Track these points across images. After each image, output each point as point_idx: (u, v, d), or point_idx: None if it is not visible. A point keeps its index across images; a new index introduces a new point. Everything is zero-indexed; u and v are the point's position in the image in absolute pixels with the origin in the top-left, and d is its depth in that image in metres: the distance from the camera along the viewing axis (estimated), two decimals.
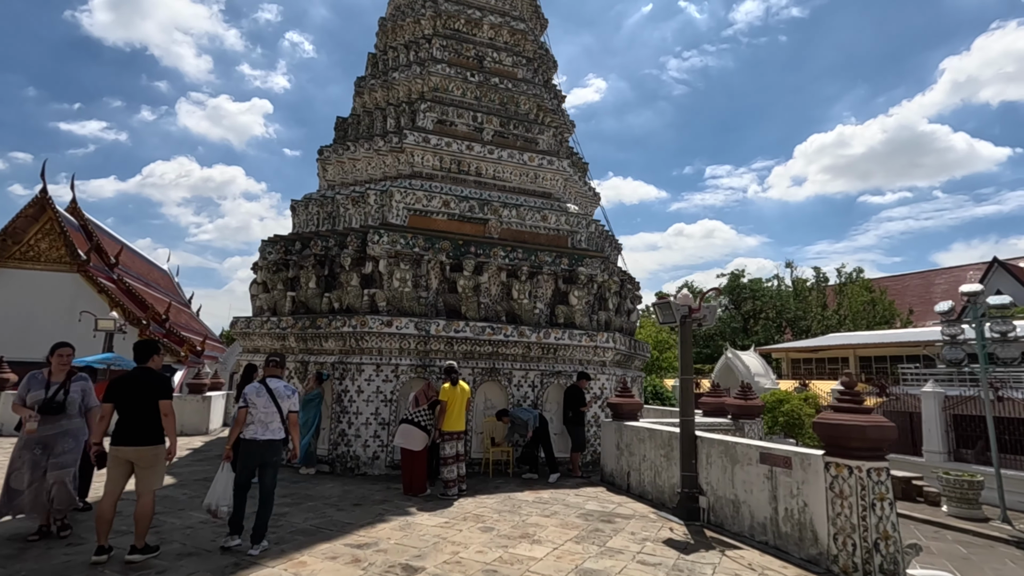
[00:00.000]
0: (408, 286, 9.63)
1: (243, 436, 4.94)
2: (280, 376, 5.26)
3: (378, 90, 12.78)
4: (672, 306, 6.89)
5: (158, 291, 29.82)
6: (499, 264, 10.28)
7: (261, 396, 4.98)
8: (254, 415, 4.95)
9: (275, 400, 4.98)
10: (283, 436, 5.05)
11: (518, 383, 9.91)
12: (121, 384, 4.66)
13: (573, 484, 8.62)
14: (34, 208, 22.30)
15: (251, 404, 4.96)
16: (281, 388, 5.08)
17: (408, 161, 11.15)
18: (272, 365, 5.28)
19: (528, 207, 11.21)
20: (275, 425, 4.97)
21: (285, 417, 5.04)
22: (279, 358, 5.36)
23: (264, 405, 4.95)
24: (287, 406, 5.06)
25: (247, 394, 5.01)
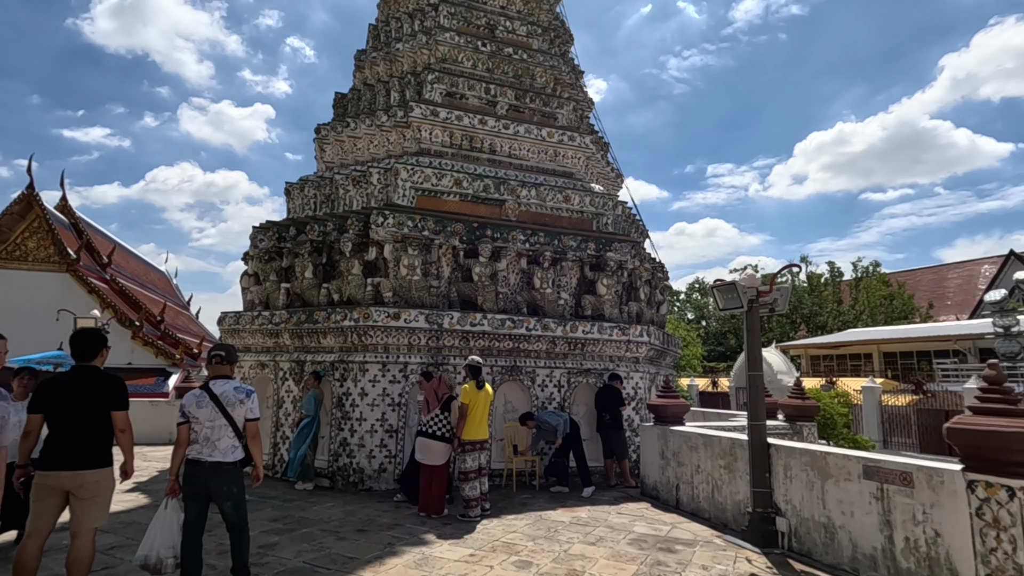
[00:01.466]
0: (417, 274, 8.48)
1: (188, 457, 3.76)
2: (230, 375, 4.00)
3: (380, 63, 11.66)
4: (738, 289, 5.73)
5: (154, 292, 28.77)
6: (518, 249, 9.13)
7: (203, 406, 3.75)
8: (197, 431, 3.76)
9: (222, 409, 3.76)
10: (240, 456, 3.83)
11: (542, 383, 8.75)
12: (53, 389, 3.52)
13: (611, 499, 7.45)
14: (20, 205, 21.25)
15: (191, 417, 3.76)
16: (230, 392, 3.82)
17: (415, 137, 10.01)
18: (216, 362, 3.95)
19: (549, 187, 10.05)
20: (226, 442, 3.75)
21: (241, 429, 3.85)
22: (224, 351, 4.03)
23: (208, 417, 3.73)
24: (242, 413, 3.82)
25: (184, 405, 3.79)
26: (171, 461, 3.76)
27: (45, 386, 3.57)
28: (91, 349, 3.67)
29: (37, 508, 3.45)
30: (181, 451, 3.72)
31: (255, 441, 3.89)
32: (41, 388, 3.57)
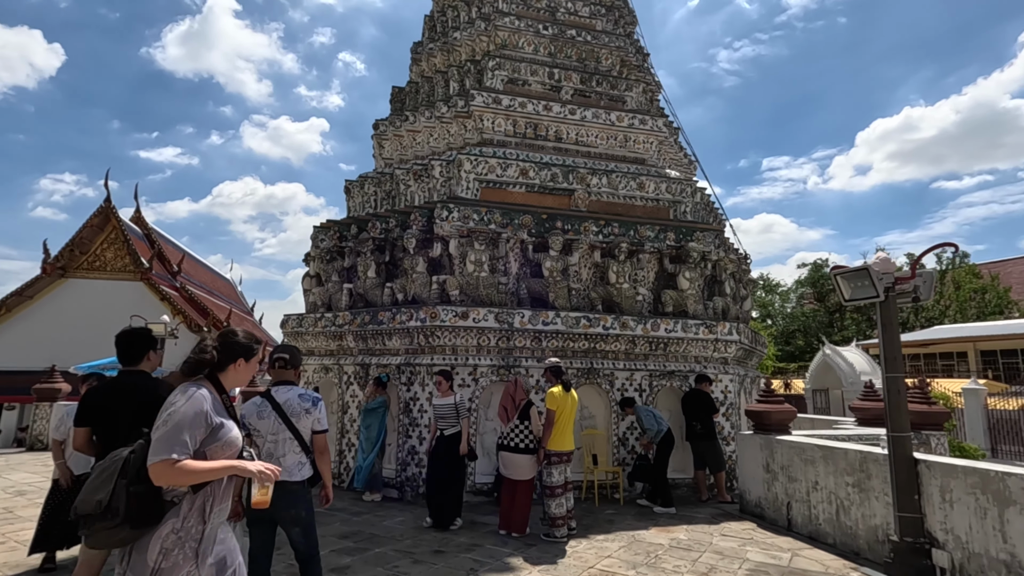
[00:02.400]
0: (484, 270, 7.93)
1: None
2: (293, 381, 3.48)
3: (437, 54, 11.23)
4: (871, 275, 4.81)
5: (221, 299, 29.77)
6: (591, 241, 8.42)
7: (265, 416, 3.25)
8: (259, 446, 3.23)
9: (286, 420, 3.25)
10: (308, 474, 3.29)
11: (621, 386, 8.00)
12: (100, 397, 3.12)
13: (709, 517, 6.62)
14: (99, 218, 22.32)
15: (252, 430, 3.25)
16: (294, 400, 3.29)
17: (476, 127, 9.49)
18: (279, 366, 3.44)
19: (621, 174, 9.29)
20: (291, 459, 3.23)
21: (308, 442, 3.32)
22: (288, 354, 3.49)
23: (271, 429, 3.22)
24: (308, 424, 3.29)
25: (244, 416, 3.28)
26: None
27: (92, 395, 3.18)
28: (137, 351, 3.24)
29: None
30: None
31: (323, 457, 3.37)
32: (86, 397, 3.18)
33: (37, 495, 7.38)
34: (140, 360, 3.27)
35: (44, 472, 9.30)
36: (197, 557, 1.95)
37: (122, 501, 1.86)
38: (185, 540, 1.94)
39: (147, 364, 3.31)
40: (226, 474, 2.01)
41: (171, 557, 1.90)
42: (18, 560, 4.70)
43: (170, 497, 1.95)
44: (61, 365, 13.70)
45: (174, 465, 1.87)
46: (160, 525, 1.92)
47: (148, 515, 1.91)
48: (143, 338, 3.32)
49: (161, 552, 1.90)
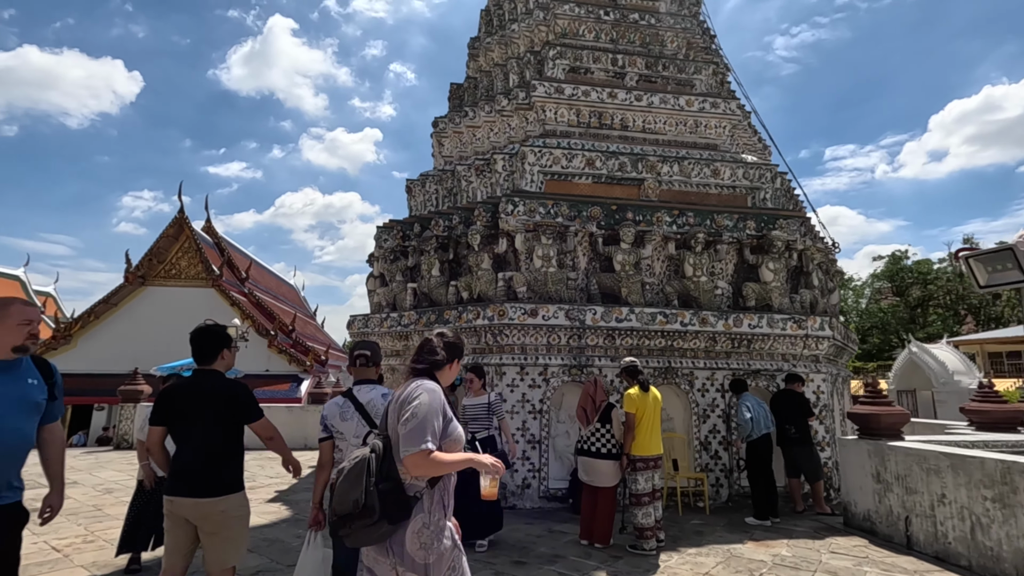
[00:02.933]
0: (552, 265, 7.58)
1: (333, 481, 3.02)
2: (375, 380, 3.26)
3: (495, 48, 11.01)
4: (1018, 255, 4.14)
5: (285, 304, 30.83)
6: (664, 233, 7.92)
7: (348, 418, 3.04)
8: (343, 449, 3.01)
9: (369, 421, 3.03)
10: None
11: (702, 387, 7.46)
12: (174, 397, 2.98)
13: (810, 530, 6.00)
14: (173, 228, 23.53)
15: (335, 432, 3.05)
16: (377, 400, 3.08)
17: (538, 119, 9.17)
18: (361, 363, 3.24)
19: (693, 160, 8.73)
20: None
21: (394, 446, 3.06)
22: (369, 351, 3.27)
23: (354, 432, 3.01)
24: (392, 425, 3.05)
25: (326, 417, 3.10)
26: (314, 486, 3.08)
27: (166, 396, 3.05)
28: (211, 349, 3.08)
29: (168, 541, 2.92)
30: (325, 474, 3.03)
31: None
32: (160, 397, 3.06)
33: (123, 493, 7.61)
34: (214, 359, 3.12)
35: (130, 470, 9.67)
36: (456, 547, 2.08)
37: (375, 499, 1.94)
38: (437, 533, 2.03)
39: (221, 363, 3.16)
40: (465, 467, 2.07)
41: (433, 550, 2.00)
42: (106, 560, 4.73)
43: (412, 492, 2.03)
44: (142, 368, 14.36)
45: (428, 456, 1.95)
46: (411, 520, 2.01)
47: (401, 510, 1.99)
48: (217, 336, 3.17)
49: (422, 546, 1.99)
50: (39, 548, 5.01)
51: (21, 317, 2.44)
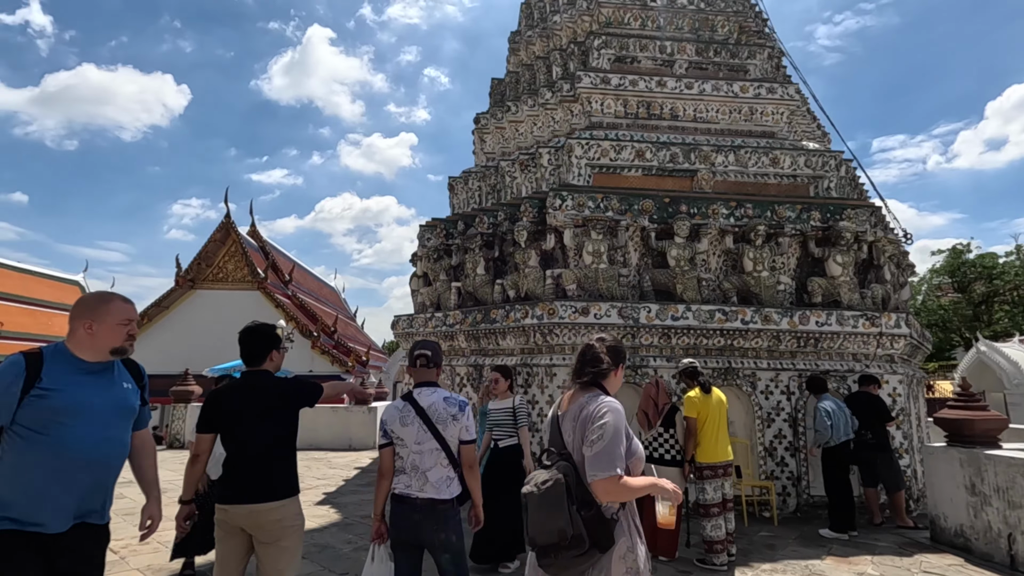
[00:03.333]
0: (603, 261, 7.27)
1: (393, 491, 2.83)
2: (436, 382, 3.00)
3: (536, 41, 10.75)
4: None
5: (327, 305, 31.35)
6: (721, 226, 7.50)
7: (409, 423, 2.79)
8: (403, 457, 2.79)
9: (431, 427, 2.79)
10: (457, 491, 2.81)
11: (765, 388, 7.00)
12: (222, 401, 2.83)
13: (894, 546, 5.50)
14: (220, 233, 24.19)
15: (395, 439, 2.83)
16: (439, 404, 2.83)
17: (584, 111, 8.86)
18: (421, 364, 2.96)
19: (750, 149, 8.26)
20: (438, 472, 2.76)
21: (455, 454, 2.83)
22: (430, 351, 2.99)
23: (416, 438, 2.77)
24: (455, 433, 2.82)
25: (386, 422, 2.85)
26: (375, 496, 2.88)
27: (211, 399, 2.90)
28: (261, 350, 2.91)
29: (219, 550, 2.77)
30: (386, 483, 2.82)
31: (472, 471, 2.87)
32: (208, 401, 2.90)
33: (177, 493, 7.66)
34: (264, 359, 2.96)
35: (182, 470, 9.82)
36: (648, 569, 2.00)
37: (581, 527, 1.83)
38: (638, 556, 1.95)
39: (270, 364, 3.00)
40: (650, 492, 1.98)
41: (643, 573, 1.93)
42: (161, 563, 4.69)
43: (609, 515, 1.94)
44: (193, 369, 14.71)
45: (619, 481, 1.86)
46: (614, 546, 1.90)
47: (608, 536, 1.89)
48: (266, 336, 3.00)
49: (627, 571, 1.90)
50: None
51: (122, 316, 2.20)
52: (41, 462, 1.99)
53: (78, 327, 2.14)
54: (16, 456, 1.98)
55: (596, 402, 2.01)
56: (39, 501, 1.97)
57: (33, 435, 1.99)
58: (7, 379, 1.98)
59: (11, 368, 2.00)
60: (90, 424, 2.08)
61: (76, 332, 2.15)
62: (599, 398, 2.03)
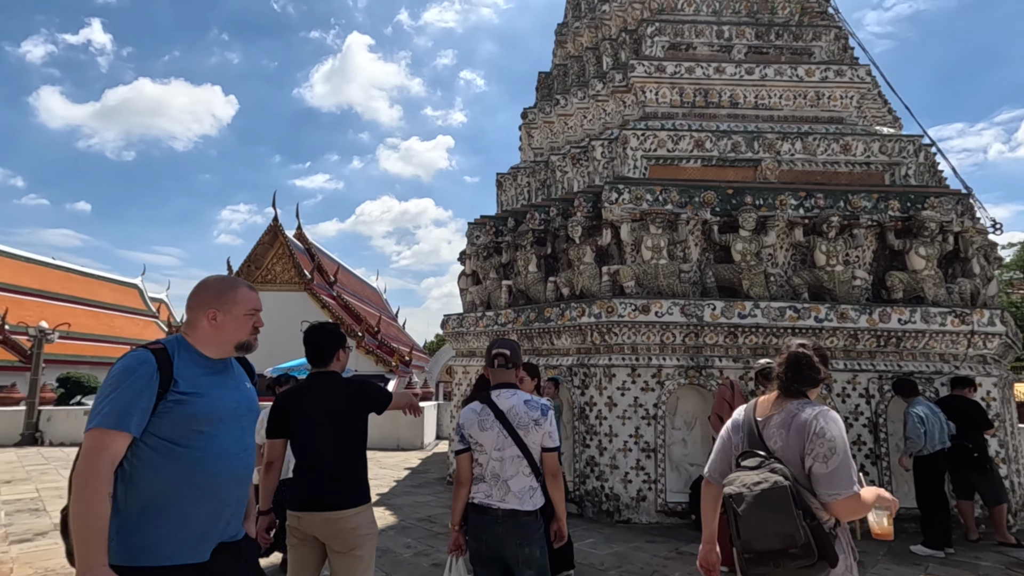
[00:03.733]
0: (663, 257, 6.93)
1: (472, 500, 2.61)
2: (515, 384, 2.74)
3: (584, 32, 10.46)
4: None
5: (370, 306, 31.80)
6: (789, 218, 7.05)
7: (488, 428, 2.56)
8: (483, 464, 2.55)
9: (512, 432, 2.55)
10: (540, 502, 2.57)
11: (842, 391, 6.52)
12: (290, 404, 2.69)
13: (997, 566, 4.98)
14: (268, 235, 24.81)
15: (473, 444, 2.60)
16: (520, 408, 2.58)
17: (637, 101, 8.53)
18: (499, 364, 2.70)
19: (818, 135, 7.76)
20: (520, 482, 2.52)
21: (537, 461, 2.58)
22: (509, 350, 2.72)
23: (495, 443, 2.54)
24: (537, 439, 2.55)
25: (463, 426, 2.64)
26: (453, 504, 2.68)
27: (279, 403, 2.76)
28: (329, 350, 2.78)
29: (292, 558, 2.63)
30: (464, 492, 2.62)
31: (556, 481, 2.64)
32: (276, 404, 2.77)
33: None
34: (331, 359, 2.82)
35: None
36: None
37: (810, 536, 1.72)
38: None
39: (337, 364, 2.86)
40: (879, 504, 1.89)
41: None
42: None
43: (827, 530, 1.85)
44: None
45: (859, 499, 1.82)
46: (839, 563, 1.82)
47: (833, 552, 1.79)
48: (334, 335, 2.87)
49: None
50: None
51: (249, 305, 1.87)
52: (184, 480, 1.64)
53: (200, 318, 1.80)
54: (152, 474, 1.61)
55: (812, 411, 1.92)
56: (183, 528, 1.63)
57: (172, 448, 1.63)
58: (140, 381, 1.60)
59: (143, 368, 1.62)
60: (230, 432, 1.76)
61: (198, 323, 1.80)
62: (813, 407, 1.95)
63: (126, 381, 1.59)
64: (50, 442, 13.99)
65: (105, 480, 1.51)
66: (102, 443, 1.53)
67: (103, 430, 1.54)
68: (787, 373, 2.03)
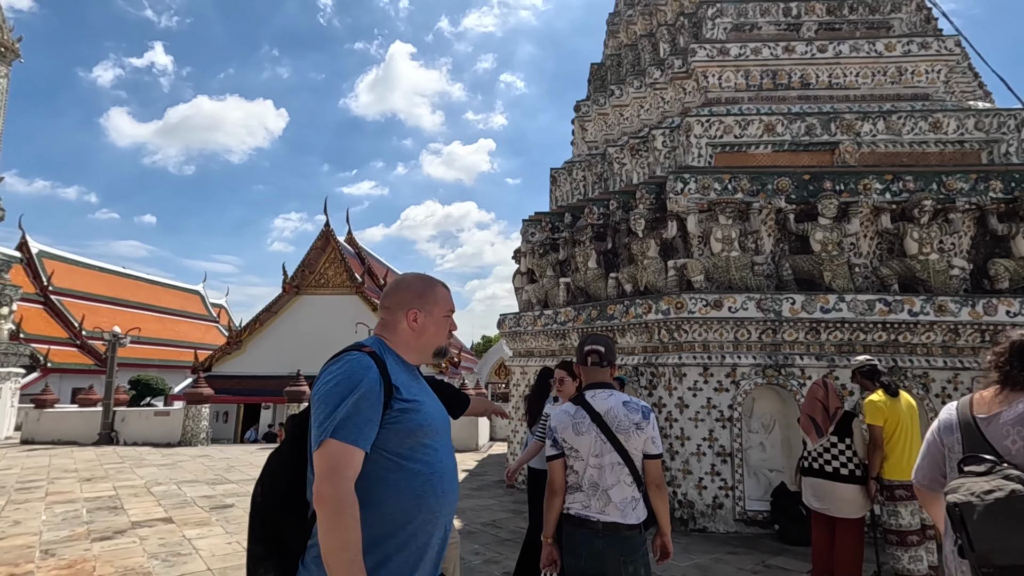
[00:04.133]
0: (735, 248, 6.52)
1: (567, 511, 2.36)
2: (610, 383, 2.49)
3: (637, 20, 10.09)
4: None
5: None
6: (875, 203, 6.49)
7: (584, 431, 2.32)
8: (579, 471, 2.31)
9: (611, 437, 2.30)
10: (644, 515, 2.32)
11: (942, 392, 5.94)
12: None
13: None
14: (321, 241, 25.41)
15: (568, 449, 2.36)
16: (618, 410, 2.33)
17: (699, 87, 8.11)
18: (592, 362, 2.46)
19: (903, 114, 7.15)
20: (622, 492, 2.28)
21: (639, 469, 2.34)
22: (603, 346, 2.47)
23: (593, 449, 2.30)
24: (639, 445, 2.32)
25: (555, 428, 2.40)
26: (545, 515, 2.45)
27: None
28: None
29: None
30: (558, 501, 2.39)
31: (660, 491, 2.38)
32: None
33: None
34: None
35: None
36: None
37: None
38: None
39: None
40: None
41: None
42: None
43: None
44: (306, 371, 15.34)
45: None
46: None
47: None
48: None
49: None
50: (234, 550, 5.06)
51: (447, 306, 1.67)
52: (419, 503, 1.42)
53: (401, 319, 1.59)
54: (386, 495, 1.39)
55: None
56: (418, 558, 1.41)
57: (402, 465, 1.42)
58: (372, 387, 1.38)
59: (370, 374, 1.40)
60: (447, 447, 1.56)
61: (398, 325, 1.59)
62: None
63: (356, 389, 1.36)
64: (124, 441, 14.67)
65: (356, 504, 1.29)
66: (345, 460, 1.30)
67: (343, 444, 1.30)
68: (1013, 362, 1.74)
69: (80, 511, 6.62)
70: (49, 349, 26.19)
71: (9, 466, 10.43)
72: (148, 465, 10.48)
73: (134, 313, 33.06)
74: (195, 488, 8.14)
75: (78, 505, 6.96)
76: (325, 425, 1.33)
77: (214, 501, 7.22)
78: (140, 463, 10.76)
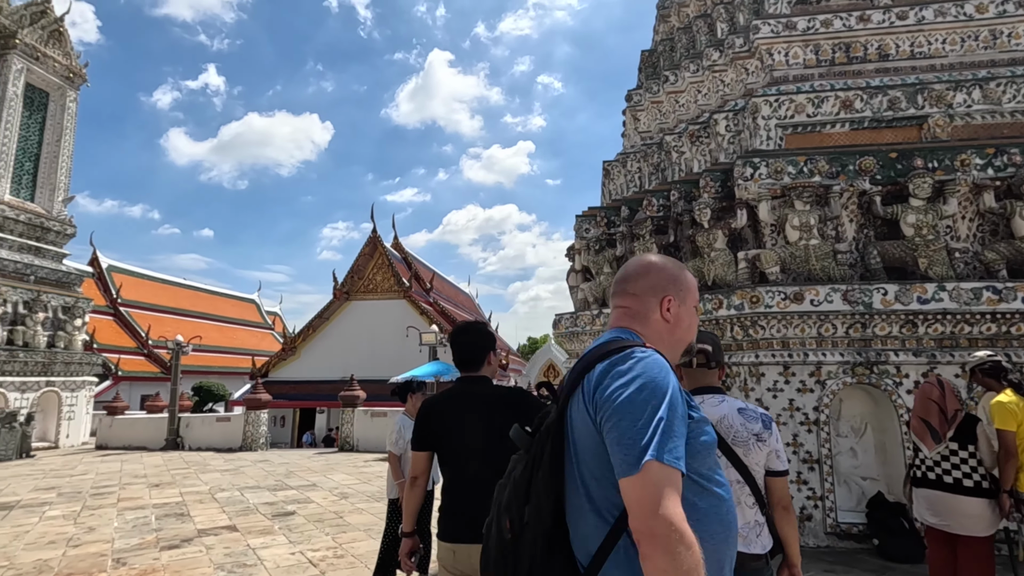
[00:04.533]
0: (814, 236, 5.99)
1: None
2: (720, 388, 2.18)
3: (690, 2, 9.59)
4: None
5: (464, 311, 32.19)
6: (975, 180, 5.83)
7: None
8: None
9: (728, 452, 1.98)
10: (770, 542, 2.02)
11: None
12: (436, 413, 2.30)
13: None
14: (369, 247, 25.77)
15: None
16: (733, 418, 2.02)
17: (763, 66, 7.58)
18: (699, 364, 2.15)
19: (1003, 80, 6.43)
20: (745, 515, 1.97)
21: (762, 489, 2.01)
22: (711, 345, 2.16)
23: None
24: (760, 460, 1.99)
25: None
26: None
27: (426, 409, 2.35)
28: (480, 352, 2.39)
29: None
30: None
31: (787, 515, 2.04)
32: (422, 413, 2.36)
33: (358, 499, 7.73)
34: (482, 363, 2.41)
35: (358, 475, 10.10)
36: None
37: None
38: None
39: (488, 368, 2.44)
40: None
41: None
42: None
43: None
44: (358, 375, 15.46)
45: None
46: None
47: None
48: (484, 334, 2.46)
49: None
50: (297, 561, 4.94)
51: (696, 295, 1.39)
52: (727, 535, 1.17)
53: (653, 307, 1.30)
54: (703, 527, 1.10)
55: None
56: None
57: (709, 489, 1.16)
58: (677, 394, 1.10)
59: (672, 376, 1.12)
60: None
61: (650, 315, 1.29)
62: None
63: (664, 395, 1.07)
64: (188, 446, 15.16)
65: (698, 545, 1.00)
66: (675, 487, 1.01)
67: (666, 467, 1.01)
68: None
69: (149, 518, 6.72)
70: (119, 358, 27.61)
71: (86, 471, 10.88)
72: (212, 470, 10.71)
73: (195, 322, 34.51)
74: (257, 494, 8.19)
75: (147, 512, 7.08)
76: (643, 442, 1.02)
77: (276, 508, 7.21)
78: (204, 468, 11.01)
